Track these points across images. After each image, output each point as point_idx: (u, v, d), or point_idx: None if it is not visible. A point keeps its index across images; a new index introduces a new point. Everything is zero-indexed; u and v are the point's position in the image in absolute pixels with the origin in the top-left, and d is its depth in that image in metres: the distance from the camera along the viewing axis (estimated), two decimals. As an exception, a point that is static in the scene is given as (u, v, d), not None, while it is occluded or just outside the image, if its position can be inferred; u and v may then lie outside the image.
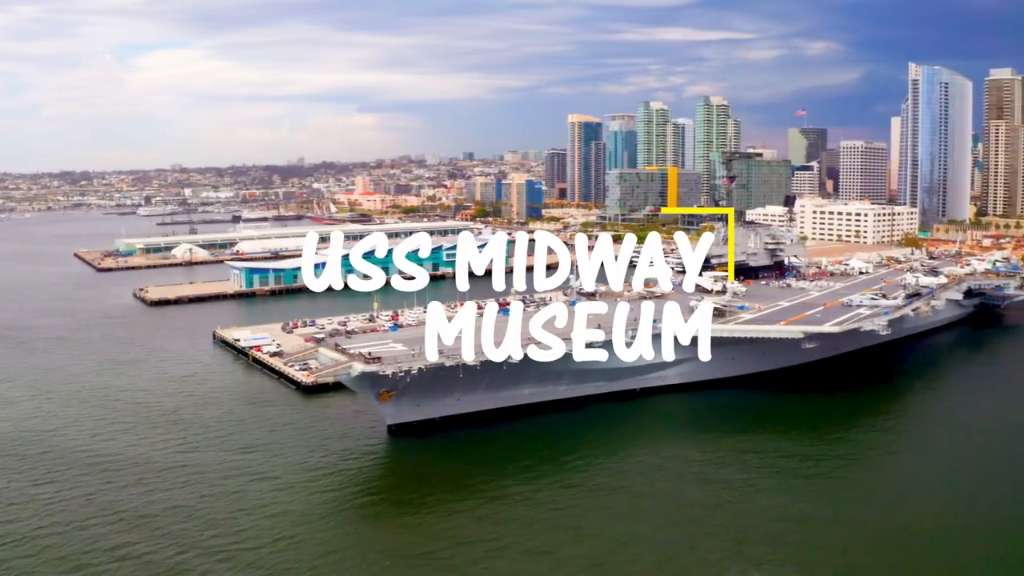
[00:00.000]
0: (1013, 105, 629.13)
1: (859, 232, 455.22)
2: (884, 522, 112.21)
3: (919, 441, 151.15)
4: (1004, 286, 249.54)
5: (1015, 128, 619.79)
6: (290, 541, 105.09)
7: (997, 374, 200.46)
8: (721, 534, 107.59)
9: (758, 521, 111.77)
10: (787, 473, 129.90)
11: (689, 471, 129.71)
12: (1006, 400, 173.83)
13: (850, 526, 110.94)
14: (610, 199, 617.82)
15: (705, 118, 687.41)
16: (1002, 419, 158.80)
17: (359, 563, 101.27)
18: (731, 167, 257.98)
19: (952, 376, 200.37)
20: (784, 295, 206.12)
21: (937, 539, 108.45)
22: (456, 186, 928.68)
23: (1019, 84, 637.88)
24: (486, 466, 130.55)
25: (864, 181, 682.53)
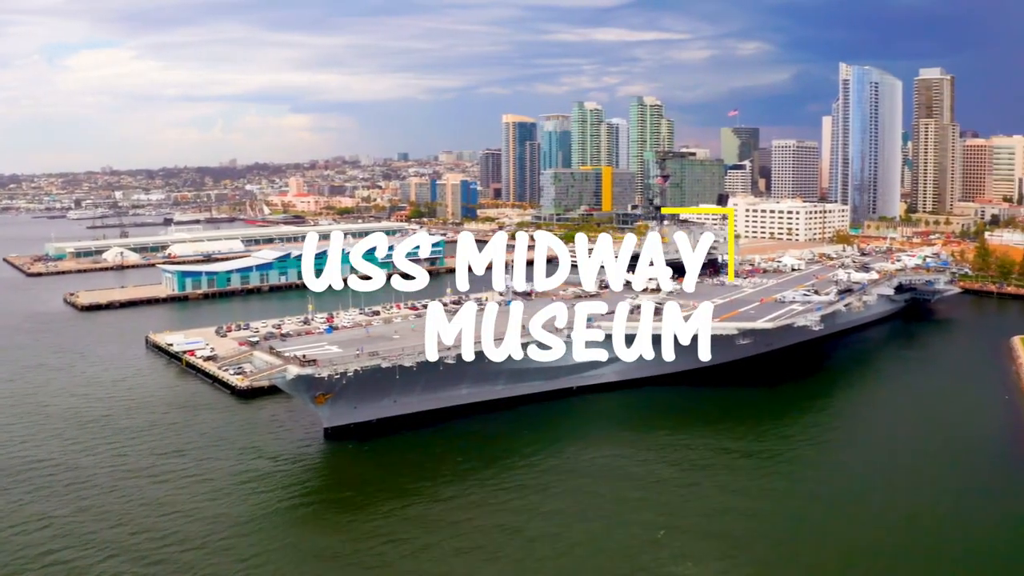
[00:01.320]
0: (942, 104, 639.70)
1: (791, 230, 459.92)
2: (817, 514, 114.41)
3: (849, 434, 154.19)
4: (934, 281, 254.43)
5: (944, 127, 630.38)
6: (221, 545, 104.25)
7: (928, 367, 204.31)
8: (654, 528, 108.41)
9: (691, 515, 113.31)
10: (719, 467, 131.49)
11: (624, 467, 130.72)
12: (935, 392, 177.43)
13: (782, 520, 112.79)
14: (545, 199, 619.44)
15: (639, 118, 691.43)
16: (931, 411, 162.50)
17: (290, 566, 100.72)
18: (665, 166, 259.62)
19: (883, 369, 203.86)
20: (718, 292, 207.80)
21: (865, 529, 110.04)
22: (391, 187, 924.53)
23: (948, 84, 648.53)
24: (422, 468, 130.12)
25: (796, 179, 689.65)
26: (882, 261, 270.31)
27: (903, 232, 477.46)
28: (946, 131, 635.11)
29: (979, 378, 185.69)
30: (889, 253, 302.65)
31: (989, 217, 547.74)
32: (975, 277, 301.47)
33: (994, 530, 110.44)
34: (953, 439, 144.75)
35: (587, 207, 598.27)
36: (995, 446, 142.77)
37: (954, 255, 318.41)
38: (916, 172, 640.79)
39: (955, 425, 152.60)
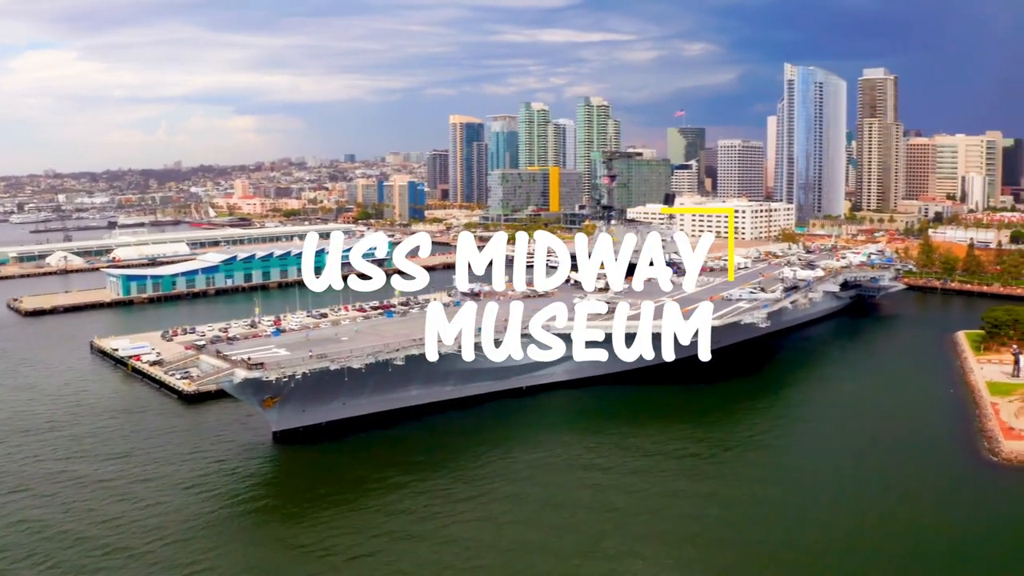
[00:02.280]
0: (886, 104, 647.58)
1: (737, 228, 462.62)
2: (763, 511, 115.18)
3: (796, 430, 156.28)
4: (879, 278, 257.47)
5: (888, 126, 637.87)
6: (161, 554, 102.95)
7: (874, 362, 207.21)
8: (603, 527, 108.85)
9: (640, 513, 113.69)
10: (667, 465, 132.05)
11: (573, 467, 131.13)
12: (882, 387, 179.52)
13: (729, 518, 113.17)
14: (493, 199, 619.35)
15: (586, 118, 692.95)
16: (878, 406, 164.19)
17: (233, 572, 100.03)
18: (612, 166, 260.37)
19: (830, 365, 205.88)
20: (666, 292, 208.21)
21: (812, 527, 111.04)
22: (337, 188, 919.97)
23: (891, 83, 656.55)
24: (371, 472, 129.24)
25: (741, 179, 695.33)
26: (827, 259, 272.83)
27: (848, 230, 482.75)
28: (890, 130, 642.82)
29: (925, 373, 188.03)
30: (834, 251, 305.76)
31: (933, 215, 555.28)
32: (919, 274, 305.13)
33: (943, 526, 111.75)
34: (900, 434, 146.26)
35: (535, 207, 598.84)
36: (942, 440, 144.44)
37: (898, 252, 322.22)
38: (860, 171, 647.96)
39: (902, 420, 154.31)
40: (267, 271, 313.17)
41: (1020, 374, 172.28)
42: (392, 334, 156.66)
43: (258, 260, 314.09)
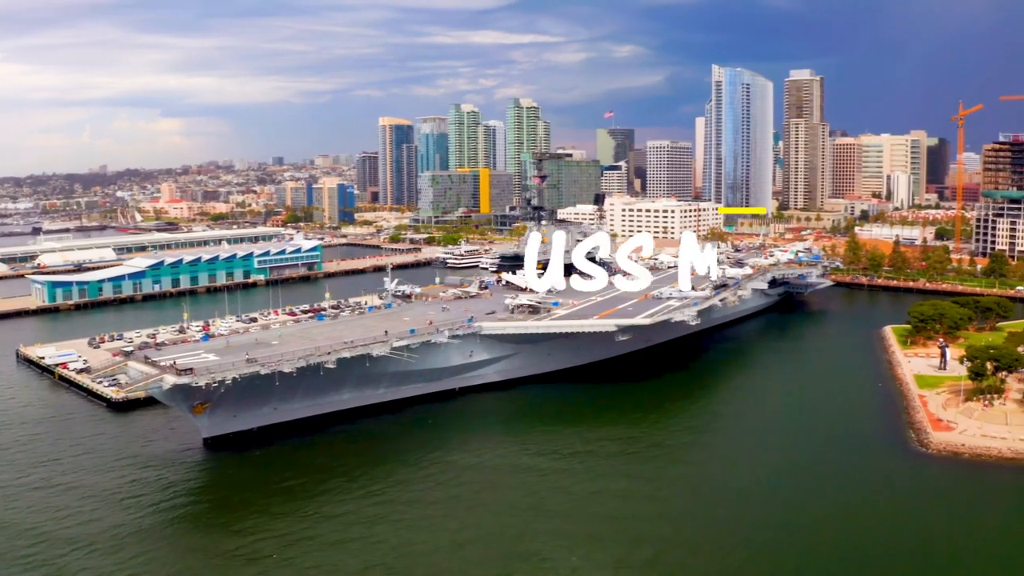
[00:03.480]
0: (812, 104, 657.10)
1: (667, 228, 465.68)
2: (693, 506, 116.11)
3: (726, 426, 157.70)
4: (807, 275, 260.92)
5: (814, 126, 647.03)
6: (88, 561, 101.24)
7: (803, 357, 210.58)
8: (536, 522, 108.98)
9: (572, 509, 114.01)
10: (599, 462, 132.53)
11: (506, 465, 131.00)
12: (811, 382, 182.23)
13: (662, 512, 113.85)
14: (423, 201, 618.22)
15: (516, 120, 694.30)
16: (807, 400, 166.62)
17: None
18: (542, 167, 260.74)
19: (759, 361, 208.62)
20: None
21: (742, 521, 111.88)
22: (266, 192, 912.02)
23: (817, 84, 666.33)
24: (301, 476, 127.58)
25: (671, 179, 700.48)
26: (756, 257, 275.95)
27: (776, 229, 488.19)
28: (816, 130, 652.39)
29: (854, 367, 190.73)
30: (762, 249, 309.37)
31: (859, 213, 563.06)
32: (846, 270, 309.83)
33: (876, 518, 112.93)
34: (831, 428, 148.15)
35: (465, 209, 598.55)
36: (872, 433, 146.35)
37: (826, 250, 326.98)
38: (787, 170, 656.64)
39: (832, 414, 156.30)
40: (195, 276, 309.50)
41: (947, 367, 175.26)
42: (323, 337, 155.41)
43: (186, 265, 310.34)
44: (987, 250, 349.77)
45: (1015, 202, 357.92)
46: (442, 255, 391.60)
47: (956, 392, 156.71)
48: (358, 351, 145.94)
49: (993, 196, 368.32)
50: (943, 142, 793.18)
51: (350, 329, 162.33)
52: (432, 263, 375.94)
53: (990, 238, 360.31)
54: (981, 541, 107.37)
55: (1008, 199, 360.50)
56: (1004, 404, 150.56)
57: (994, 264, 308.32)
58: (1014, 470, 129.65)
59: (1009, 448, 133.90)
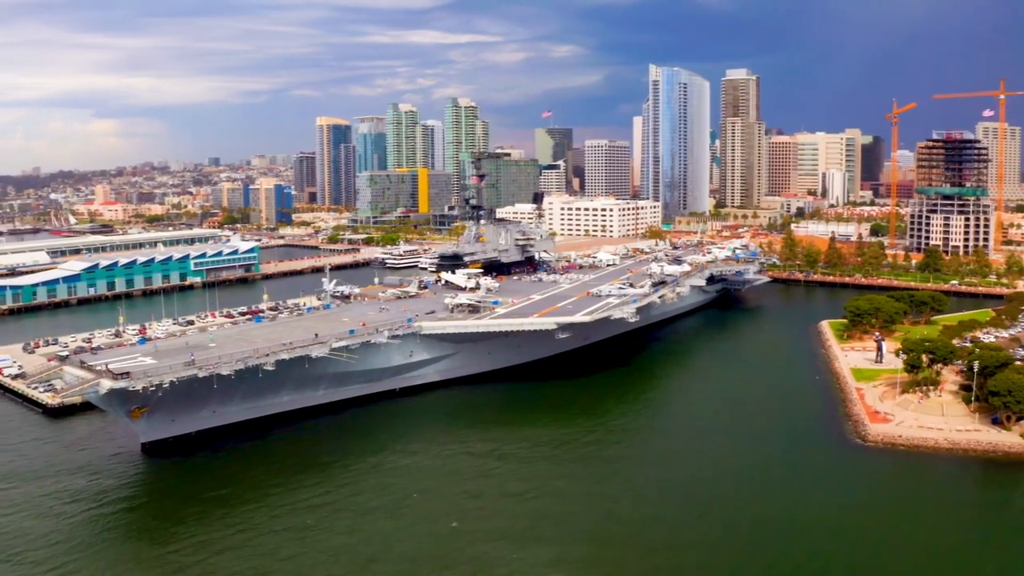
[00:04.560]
0: (748, 103, 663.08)
1: (605, 226, 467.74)
2: (632, 502, 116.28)
3: (666, 421, 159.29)
4: (744, 271, 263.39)
5: (750, 125, 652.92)
6: (19, 571, 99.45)
7: (741, 353, 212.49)
8: (475, 522, 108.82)
9: (512, 507, 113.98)
10: (538, 459, 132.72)
11: (446, 467, 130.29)
12: (750, 377, 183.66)
13: (600, 509, 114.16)
14: (361, 202, 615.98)
15: (454, 119, 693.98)
16: (746, 395, 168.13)
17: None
18: (481, 167, 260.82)
19: (699, 357, 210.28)
20: (536, 289, 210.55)
21: (682, 513, 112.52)
22: (202, 193, 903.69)
23: (753, 84, 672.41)
24: (240, 481, 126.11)
25: (609, 178, 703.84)
26: (694, 254, 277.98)
27: (713, 226, 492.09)
28: (752, 129, 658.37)
29: (791, 362, 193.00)
30: (700, 246, 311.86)
31: (795, 210, 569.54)
32: (783, 267, 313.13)
33: (817, 509, 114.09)
34: (770, 422, 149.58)
35: (404, 209, 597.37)
36: (811, 427, 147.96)
37: (762, 247, 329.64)
38: (724, 169, 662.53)
39: (771, 408, 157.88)
40: (131, 279, 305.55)
41: (883, 360, 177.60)
42: (262, 339, 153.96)
43: (121, 268, 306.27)
44: (921, 245, 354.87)
45: (948, 198, 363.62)
46: (381, 255, 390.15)
47: (892, 385, 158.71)
48: (297, 352, 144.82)
49: (927, 193, 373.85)
50: (877, 140, 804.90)
51: (289, 331, 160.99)
52: (371, 263, 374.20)
53: (924, 234, 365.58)
54: (919, 531, 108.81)
55: (941, 195, 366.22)
56: (940, 396, 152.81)
57: (928, 259, 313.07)
58: (951, 460, 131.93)
59: (946, 439, 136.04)
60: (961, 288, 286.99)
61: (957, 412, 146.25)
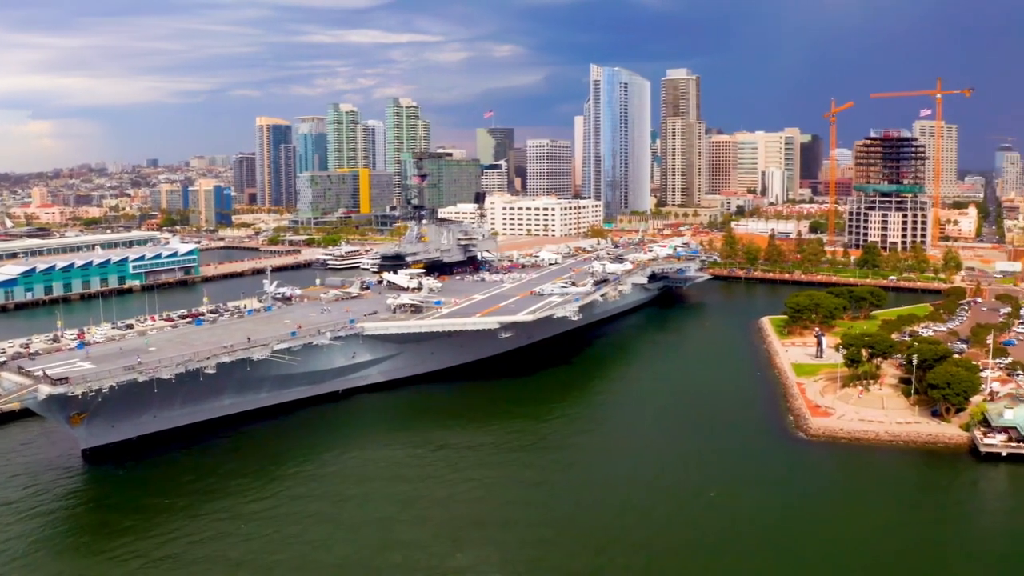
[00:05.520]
0: (688, 103, 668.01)
1: (547, 226, 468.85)
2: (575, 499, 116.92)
3: (609, 416, 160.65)
4: (685, 269, 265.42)
5: (690, 124, 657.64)
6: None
7: (684, 349, 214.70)
8: (423, 522, 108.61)
9: (458, 508, 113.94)
10: (482, 460, 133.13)
11: (391, 470, 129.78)
12: (693, 373, 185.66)
13: (544, 506, 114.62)
14: (302, 203, 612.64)
15: (395, 119, 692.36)
16: (689, 391, 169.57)
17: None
18: (422, 167, 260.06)
19: (642, 354, 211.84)
20: (479, 288, 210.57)
21: (628, 509, 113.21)
22: (140, 195, 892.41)
23: (694, 83, 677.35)
24: (177, 488, 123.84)
25: (550, 177, 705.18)
26: (635, 252, 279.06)
27: (654, 225, 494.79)
28: (693, 128, 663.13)
29: (733, 358, 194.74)
30: (641, 244, 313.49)
31: (735, 208, 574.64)
32: (724, 264, 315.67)
33: (760, 503, 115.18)
34: (713, 417, 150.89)
35: (345, 210, 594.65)
36: (753, 421, 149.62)
37: (703, 244, 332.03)
38: (665, 168, 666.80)
39: (714, 404, 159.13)
40: (69, 282, 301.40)
41: (823, 355, 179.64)
42: (202, 343, 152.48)
43: (59, 271, 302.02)
44: (860, 242, 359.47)
45: (886, 195, 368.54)
46: (322, 256, 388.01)
47: (833, 379, 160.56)
48: (238, 355, 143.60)
49: (865, 190, 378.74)
50: (816, 139, 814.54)
51: (229, 333, 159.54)
52: (312, 265, 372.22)
53: (862, 230, 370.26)
54: (860, 522, 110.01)
55: (879, 193, 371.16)
56: (880, 389, 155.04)
57: (867, 255, 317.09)
58: (891, 453, 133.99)
59: (886, 431, 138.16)
60: (899, 283, 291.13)
61: (897, 405, 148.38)
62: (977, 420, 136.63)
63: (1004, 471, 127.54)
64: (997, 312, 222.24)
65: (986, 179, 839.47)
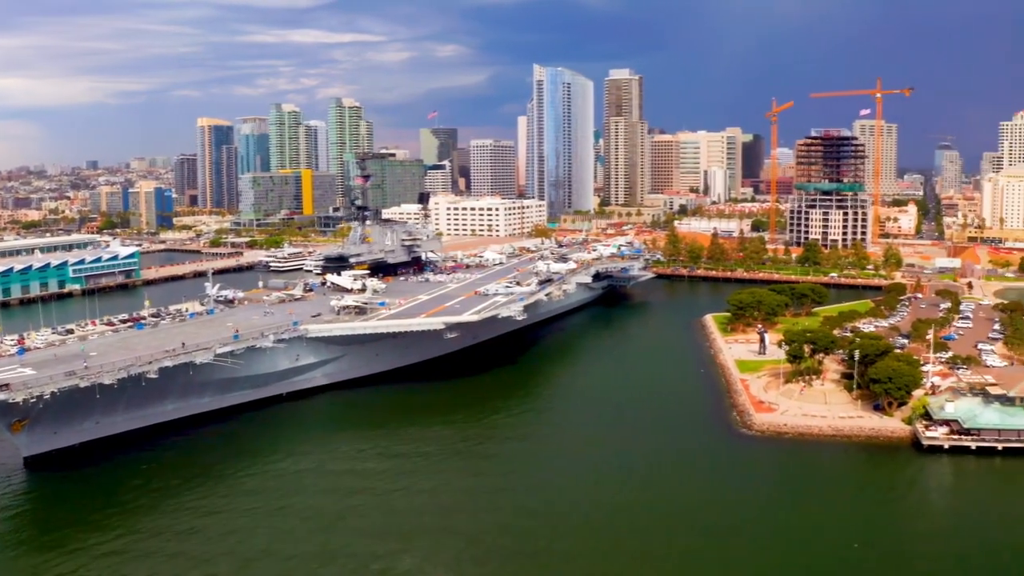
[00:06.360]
0: (631, 103, 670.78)
1: (491, 226, 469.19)
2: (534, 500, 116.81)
3: (554, 415, 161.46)
4: (629, 268, 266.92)
5: (633, 124, 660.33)
6: None
7: (628, 347, 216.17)
8: (372, 529, 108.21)
9: (404, 511, 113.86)
10: (427, 462, 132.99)
11: (331, 471, 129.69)
12: (637, 371, 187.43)
13: (493, 507, 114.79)
14: (244, 204, 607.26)
15: (338, 120, 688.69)
16: (634, 389, 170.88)
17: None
18: (365, 167, 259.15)
19: (587, 353, 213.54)
20: (423, 289, 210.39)
21: (574, 505, 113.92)
22: (80, 197, 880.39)
23: (636, 83, 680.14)
24: (117, 497, 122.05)
25: (494, 177, 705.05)
26: (579, 252, 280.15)
27: (598, 224, 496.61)
28: (635, 128, 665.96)
29: (677, 355, 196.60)
30: (585, 244, 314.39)
31: (678, 207, 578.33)
32: (667, 263, 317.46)
33: (704, 498, 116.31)
34: (658, 414, 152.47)
35: (288, 211, 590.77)
36: (697, 418, 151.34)
37: (647, 243, 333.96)
38: (608, 167, 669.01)
39: (658, 401, 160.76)
40: (7, 287, 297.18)
41: (766, 351, 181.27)
42: (144, 347, 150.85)
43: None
44: (801, 240, 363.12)
45: (827, 194, 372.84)
46: (265, 258, 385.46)
47: (776, 375, 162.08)
48: (180, 359, 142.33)
49: (806, 188, 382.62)
50: (757, 138, 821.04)
51: (171, 337, 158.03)
52: (255, 267, 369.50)
53: (803, 228, 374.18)
54: (803, 515, 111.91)
55: (820, 191, 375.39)
56: (823, 384, 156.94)
57: (808, 253, 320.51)
58: (835, 447, 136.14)
59: (829, 426, 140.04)
60: (840, 280, 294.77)
61: (839, 400, 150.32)
62: (919, 414, 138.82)
63: (946, 463, 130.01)
64: (937, 308, 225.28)
65: (925, 177, 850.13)
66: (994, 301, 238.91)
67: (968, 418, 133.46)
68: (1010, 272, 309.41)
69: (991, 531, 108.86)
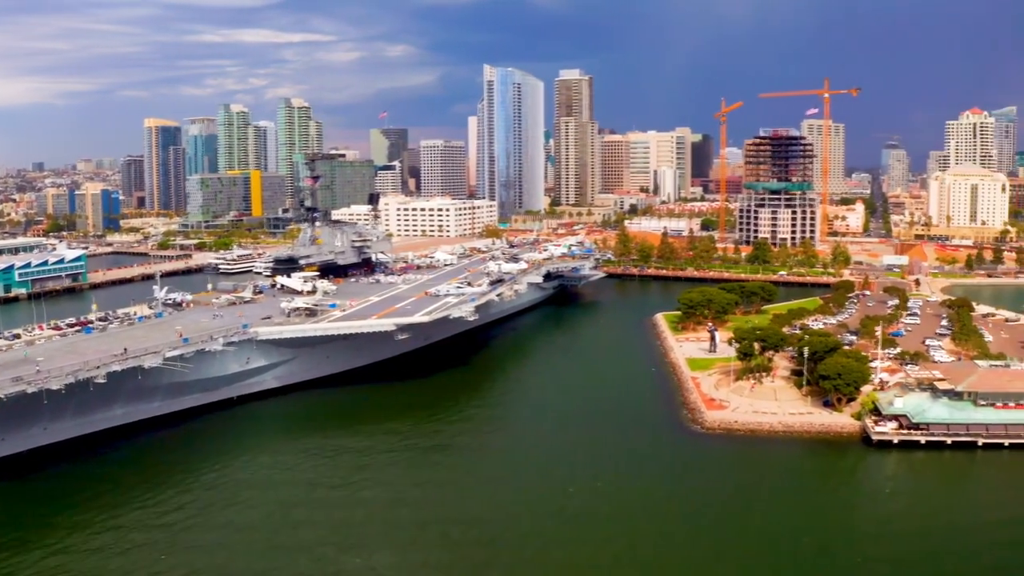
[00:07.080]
0: (581, 103, 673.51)
1: (442, 226, 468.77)
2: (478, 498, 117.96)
3: (506, 415, 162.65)
4: (580, 267, 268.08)
5: (583, 124, 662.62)
6: None
7: (580, 347, 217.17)
8: (321, 528, 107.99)
9: (357, 512, 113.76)
10: (380, 463, 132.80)
11: (281, 474, 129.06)
12: (589, 370, 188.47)
13: (447, 506, 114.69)
14: (192, 206, 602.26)
15: (287, 120, 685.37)
16: (586, 388, 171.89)
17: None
18: (315, 168, 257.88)
19: (538, 353, 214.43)
20: (374, 290, 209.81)
21: (527, 504, 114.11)
22: (26, 199, 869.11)
23: (586, 84, 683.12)
24: (72, 499, 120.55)
25: (445, 178, 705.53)
26: (530, 252, 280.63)
27: (549, 224, 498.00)
28: (586, 128, 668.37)
29: (628, 353, 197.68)
30: (536, 244, 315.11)
31: (628, 207, 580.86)
32: (618, 262, 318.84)
33: (657, 495, 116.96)
34: (610, 413, 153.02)
35: (237, 213, 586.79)
36: (649, 416, 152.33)
37: (597, 243, 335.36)
38: (559, 167, 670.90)
39: (610, 399, 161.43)
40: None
41: (717, 349, 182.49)
42: (92, 351, 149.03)
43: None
44: (751, 238, 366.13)
45: (776, 193, 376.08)
46: (214, 261, 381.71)
47: (727, 373, 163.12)
48: (129, 363, 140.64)
49: (755, 188, 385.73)
50: (707, 138, 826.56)
51: (120, 341, 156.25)
52: (204, 269, 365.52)
53: (753, 227, 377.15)
54: (754, 511, 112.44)
55: (768, 190, 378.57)
56: (773, 382, 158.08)
57: (757, 251, 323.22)
58: (785, 443, 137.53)
59: (780, 422, 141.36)
60: (790, 278, 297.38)
61: (790, 396, 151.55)
62: (868, 409, 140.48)
63: (895, 457, 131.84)
64: (885, 304, 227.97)
65: (873, 176, 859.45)
66: (941, 297, 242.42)
67: (917, 413, 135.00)
68: (957, 269, 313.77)
69: (940, 521, 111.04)
